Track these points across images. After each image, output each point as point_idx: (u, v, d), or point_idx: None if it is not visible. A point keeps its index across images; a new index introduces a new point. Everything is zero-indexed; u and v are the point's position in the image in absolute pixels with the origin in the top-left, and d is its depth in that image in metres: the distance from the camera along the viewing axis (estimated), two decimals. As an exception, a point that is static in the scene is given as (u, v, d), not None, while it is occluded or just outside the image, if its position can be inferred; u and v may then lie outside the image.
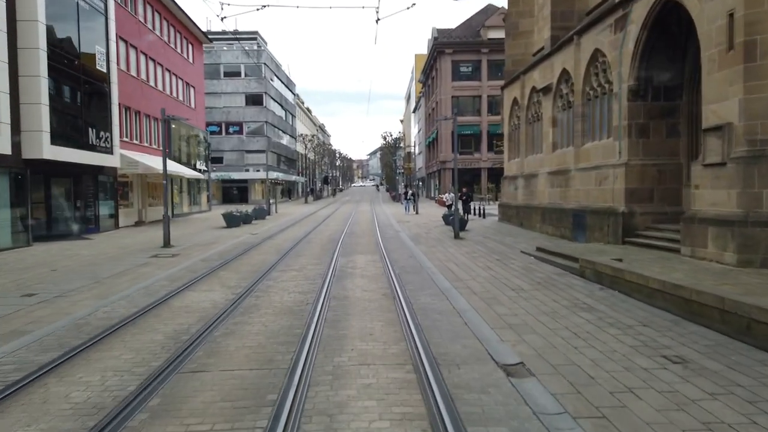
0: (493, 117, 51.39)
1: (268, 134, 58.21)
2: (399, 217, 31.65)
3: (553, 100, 18.63)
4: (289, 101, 71.45)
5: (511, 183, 23.93)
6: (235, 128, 56.76)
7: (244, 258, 14.64)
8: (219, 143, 56.84)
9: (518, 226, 22.06)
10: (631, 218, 13.31)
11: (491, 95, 51.21)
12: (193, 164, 37.59)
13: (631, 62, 13.27)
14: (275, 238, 20.10)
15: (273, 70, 60.88)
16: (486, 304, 8.47)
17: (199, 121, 39.68)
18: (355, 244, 17.83)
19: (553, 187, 18.37)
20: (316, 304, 8.58)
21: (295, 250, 16.08)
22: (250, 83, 57.04)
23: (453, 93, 50.95)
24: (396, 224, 26.45)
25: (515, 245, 16.19)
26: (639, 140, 13.47)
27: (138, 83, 28.32)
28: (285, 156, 68.45)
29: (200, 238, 20.23)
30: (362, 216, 34.29)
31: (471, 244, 16.96)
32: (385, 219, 30.83)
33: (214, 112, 56.61)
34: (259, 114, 57.26)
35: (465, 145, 52.17)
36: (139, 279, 11.38)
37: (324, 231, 23.37)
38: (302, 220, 30.80)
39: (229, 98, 56.88)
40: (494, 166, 51.09)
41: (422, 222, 27.44)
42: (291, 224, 27.63)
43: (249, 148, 57.41)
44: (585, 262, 10.49)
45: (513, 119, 24.08)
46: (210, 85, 55.89)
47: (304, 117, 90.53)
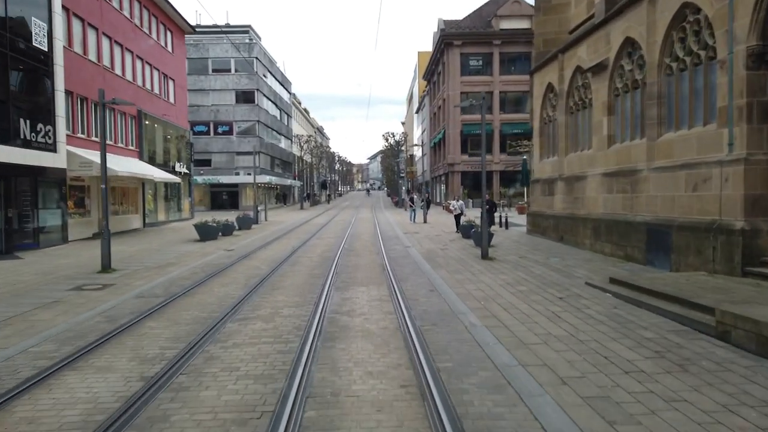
0: (507, 115, 47.44)
1: (261, 134, 54.26)
2: (405, 227, 27.60)
3: (609, 81, 14.61)
4: (284, 100, 67.54)
5: (544, 187, 19.90)
6: (225, 128, 52.82)
7: (198, 292, 10.58)
8: (207, 144, 52.93)
9: (557, 240, 18.00)
10: (756, 238, 9.26)
11: (504, 91, 47.28)
12: (172, 166, 33.60)
13: (754, 13, 9.25)
14: (253, 257, 16.04)
15: (266, 66, 56.98)
16: (605, 422, 4.41)
17: (179, 118, 35.71)
18: (354, 267, 13.77)
19: (612, 193, 14.33)
20: (276, 419, 4.52)
21: (274, 278, 12.02)
22: (240, 79, 53.12)
23: (462, 89, 46.99)
24: (403, 236, 22.40)
25: (570, 271, 12.12)
26: (764, 126, 9.44)
27: (99, 70, 24.34)
28: (279, 158, 64.47)
29: (158, 258, 16.17)
30: (363, 225, 30.26)
31: (508, 267, 12.91)
32: (389, 229, 26.79)
33: (202, 110, 52.74)
34: (250, 113, 53.32)
35: (474, 145, 48.16)
36: (20, 335, 7.35)
37: (316, 246, 19.33)
38: (293, 231, 26.75)
39: (218, 95, 52.97)
40: (507, 168, 47.09)
41: (433, 233, 23.40)
42: (278, 236, 23.58)
43: (240, 150, 53.42)
44: (734, 318, 6.43)
45: (546, 110, 20.07)
46: (197, 81, 52.09)
47: (302, 118, 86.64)
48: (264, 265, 14.28)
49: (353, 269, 13.30)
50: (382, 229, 26.74)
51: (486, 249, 14.64)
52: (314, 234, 24.42)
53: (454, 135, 47.25)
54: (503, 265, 13.41)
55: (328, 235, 23.72)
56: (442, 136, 50.70)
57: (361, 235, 23.90)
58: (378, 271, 12.93)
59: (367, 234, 24.27)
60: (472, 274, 12.20)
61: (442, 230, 25.09)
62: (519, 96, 47.92)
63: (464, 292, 10.02)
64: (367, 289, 10.67)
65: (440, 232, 23.95)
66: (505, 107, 47.75)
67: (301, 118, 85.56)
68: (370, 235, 23.39)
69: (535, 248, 16.69)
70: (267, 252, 17.53)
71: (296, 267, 13.85)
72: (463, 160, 47.38)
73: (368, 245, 19.41)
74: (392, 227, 27.97)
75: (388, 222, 31.95)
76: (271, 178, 55.51)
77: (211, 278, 12.14)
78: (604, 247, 14.44)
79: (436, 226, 27.65)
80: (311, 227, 29.05)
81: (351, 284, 11.18)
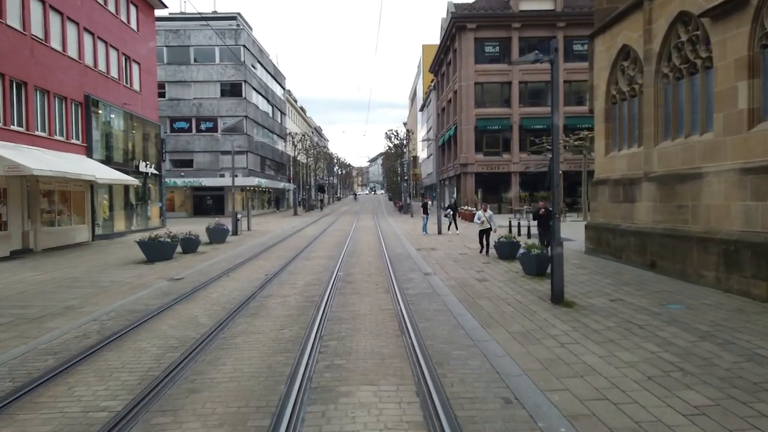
0: (528, 109, 42.28)
1: (249, 132, 49.09)
2: (417, 240, 22.40)
3: (752, 24, 9.43)
4: (276, 96, 62.45)
5: (615, 191, 14.71)
6: (209, 124, 47.69)
7: (24, 406, 5.35)
8: (189, 143, 47.80)
9: (642, 266, 12.79)
10: None
11: (524, 81, 42.11)
12: (135, 166, 28.43)
13: None
14: (200, 296, 10.83)
15: (255, 55, 51.88)
16: None
17: (147, 109, 30.54)
18: (351, 321, 8.56)
19: (760, 199, 9.10)
20: None
21: (210, 353, 6.80)
22: (226, 70, 48.01)
23: (476, 78, 41.84)
24: (417, 255, 17.23)
25: (736, 341, 6.89)
26: None
27: (26, 42, 19.18)
28: (272, 159, 59.31)
29: (60, 295, 10.96)
30: (364, 238, 25.08)
31: (611, 327, 7.68)
32: (396, 244, 21.59)
33: (183, 104, 47.63)
34: (237, 107, 48.18)
35: (490, 143, 43.03)
36: None
37: (300, 273, 14.16)
38: (276, 246, 21.56)
39: (201, 88, 47.86)
40: (527, 170, 41.91)
41: (455, 250, 18.22)
42: (255, 254, 18.40)
43: (225, 149, 48.21)
44: None
45: (617, 84, 14.90)
46: (177, 72, 47.06)
47: (297, 117, 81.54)
48: (208, 314, 9.06)
49: (350, 329, 8.06)
50: (388, 244, 21.52)
51: (560, 289, 9.39)
52: (301, 251, 19.22)
53: (468, 131, 42.08)
54: (597, 320, 8.18)
55: (319, 254, 18.53)
56: (453, 132, 45.54)
57: (362, 253, 18.70)
58: (392, 335, 7.70)
59: (370, 252, 19.07)
60: (556, 341, 7.00)
61: (464, 245, 19.89)
62: (541, 87, 42.78)
63: (575, 409, 4.78)
64: (374, 394, 5.42)
65: (463, 248, 18.77)
66: (525, 99, 42.58)
67: (296, 116, 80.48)
68: (373, 254, 18.19)
69: (620, 281, 11.46)
70: (226, 285, 12.29)
71: (258, 320, 8.64)
72: (477, 160, 42.19)
73: (372, 271, 14.24)
74: (400, 241, 22.76)
75: (395, 233, 26.76)
76: (260, 180, 50.36)
77: (98, 352, 6.91)
78: (751, 285, 9.19)
79: (454, 239, 22.45)
80: (300, 240, 23.83)
81: (344, 379, 5.94)
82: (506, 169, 42.34)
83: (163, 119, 47.63)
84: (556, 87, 9.42)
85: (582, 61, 41.47)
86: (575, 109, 42.47)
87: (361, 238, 24.43)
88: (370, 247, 20.41)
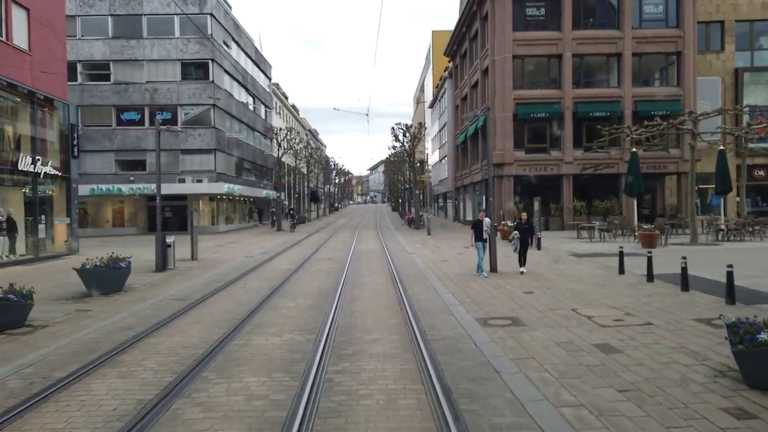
0: (585, 90, 32.72)
1: (218, 125, 39.49)
2: (469, 289, 12.62)
3: None
4: (259, 85, 52.99)
5: None
6: (165, 114, 38.13)
7: None
8: (140, 139, 38.25)
9: None
10: None
11: (580, 54, 32.60)
12: (14, 162, 18.80)
13: None
14: None
15: (228, 30, 42.42)
16: None
17: (44, 80, 20.99)
18: None
19: None
20: None
21: None
22: (188, 46, 38.53)
23: (516, 50, 32.30)
24: (499, 355, 7.44)
25: None
26: None
27: None
28: (251, 161, 49.70)
29: None
30: (368, 282, 15.38)
31: None
32: (434, 304, 11.87)
33: (133, 90, 38.15)
34: (202, 93, 38.64)
35: (534, 136, 33.46)
36: None
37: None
38: (211, 300, 11.86)
39: (156, 68, 38.37)
40: (584, 171, 32.23)
41: (590, 333, 8.47)
42: (145, 330, 8.66)
43: (187, 146, 38.65)
44: None
45: None
46: (125, 49, 37.76)
47: (288, 115, 71.97)
48: None
49: None
50: (415, 300, 11.87)
51: None
52: (246, 320, 9.42)
53: (504, 121, 32.48)
54: None
55: (283, 327, 8.76)
56: (482, 124, 35.86)
57: (367, 332, 9.01)
58: None
59: (383, 327, 9.41)
60: None
61: (576, 302, 10.19)
62: (601, 61, 33.22)
63: None
64: None
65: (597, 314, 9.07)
66: (582, 78, 32.98)
67: (287, 114, 70.99)
68: (396, 342, 8.49)
69: None
70: None
71: None
72: (517, 159, 32.54)
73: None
74: (435, 291, 12.99)
75: (419, 270, 17.09)
76: (233, 187, 40.69)
77: None
78: None
79: (538, 286, 12.66)
80: (260, 286, 14.08)
81: None
82: (555, 171, 32.66)
83: (106, 108, 38.24)
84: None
85: (657, 25, 31.98)
86: (646, 91, 32.85)
87: (362, 284, 14.68)
88: (380, 314, 10.61)
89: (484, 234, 14.75)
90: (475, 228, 14.76)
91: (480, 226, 14.72)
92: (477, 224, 14.80)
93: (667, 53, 32.63)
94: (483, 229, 14.74)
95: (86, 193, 36.75)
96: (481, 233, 14.68)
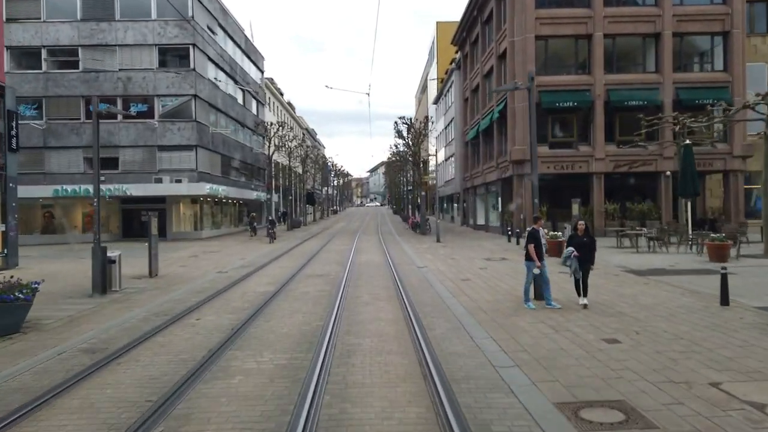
0: (618, 76, 28.80)
1: (200, 118, 35.55)
2: (522, 335, 8.63)
3: None
4: (250, 78, 49.05)
5: None
6: (141, 107, 34.18)
7: None
8: (111, 134, 34.34)
9: None
10: None
11: (612, 34, 28.66)
12: None
13: None
14: None
15: (212, 14, 38.49)
16: None
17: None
18: None
19: None
20: None
21: None
22: (166, 29, 34.61)
23: (538, 30, 28.37)
24: None
25: None
26: None
27: None
28: (240, 160, 45.73)
29: None
30: (370, 313, 11.52)
31: None
32: (473, 358, 7.90)
33: (103, 78, 34.28)
34: (182, 82, 34.70)
35: (560, 129, 29.62)
36: None
37: None
38: (126, 361, 7.98)
39: (131, 54, 34.43)
40: (616, 170, 28.32)
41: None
42: None
43: (165, 142, 34.74)
44: None
45: None
46: (95, 32, 34.07)
47: (283, 112, 67.98)
48: None
49: None
50: (463, 399, 7.85)
51: None
52: (174, 396, 5.40)
53: (525, 111, 28.51)
54: None
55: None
56: (498, 115, 31.90)
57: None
58: None
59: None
60: None
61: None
62: (638, 42, 29.31)
63: None
64: None
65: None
66: (613, 62, 29.03)
67: (281, 111, 66.99)
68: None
69: None
70: None
71: None
72: (541, 155, 28.53)
73: None
74: (470, 340, 9.03)
75: (442, 304, 13.21)
76: (216, 188, 36.68)
77: None
78: None
79: (625, 330, 8.72)
80: (218, 323, 10.10)
81: None
82: (584, 169, 28.70)
83: (74, 99, 34.31)
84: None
85: (701, 1, 28.07)
86: (689, 76, 28.93)
87: (362, 321, 10.72)
88: (392, 390, 6.62)
89: (543, 249, 10.77)
90: (534, 240, 10.64)
91: (539, 238, 10.67)
92: (535, 235, 10.72)
93: (713, 33, 28.68)
94: (543, 242, 10.74)
95: (49, 194, 32.81)
96: (541, 249, 10.64)
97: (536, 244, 10.56)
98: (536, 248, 10.54)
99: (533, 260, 10.53)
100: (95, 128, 14.37)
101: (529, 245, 10.66)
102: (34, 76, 34.35)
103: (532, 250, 10.54)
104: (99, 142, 14.30)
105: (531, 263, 10.60)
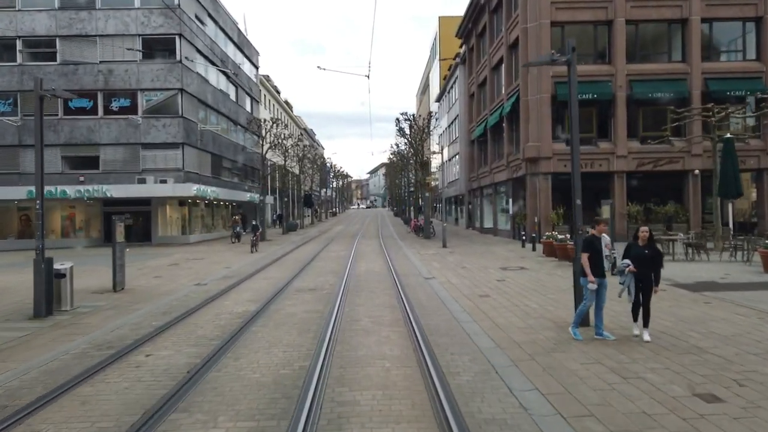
0: (643, 66, 26.56)
1: (187, 114, 33.26)
2: (577, 387, 6.30)
3: None
4: (243, 74, 46.79)
5: None
6: (123, 102, 31.91)
7: None
8: (91, 131, 32.11)
9: None
10: None
11: (635, 20, 26.39)
12: None
13: None
14: None
15: (200, 2, 36.20)
16: None
17: None
18: None
19: None
20: None
21: None
22: (150, 18, 32.35)
23: (554, 15, 26.11)
24: None
25: None
26: None
27: None
28: (232, 160, 43.42)
29: None
30: (371, 347, 9.22)
31: None
32: (519, 428, 5.45)
33: (83, 71, 32.04)
34: (168, 75, 32.43)
35: (579, 123, 27.04)
36: None
37: None
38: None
39: (112, 46, 32.15)
40: (641, 168, 26.04)
41: None
42: None
43: (149, 140, 32.45)
44: None
45: None
46: (74, 22, 31.95)
47: (280, 111, 65.68)
48: None
49: None
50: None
51: None
52: None
53: (539, 104, 26.27)
54: None
55: None
56: (509, 110, 29.61)
57: None
58: None
59: None
60: None
61: None
62: (662, 30, 27.03)
63: None
64: None
65: None
66: (636, 51, 26.74)
67: (278, 110, 64.70)
68: None
69: None
70: None
71: None
72: (555, 152, 26.30)
73: None
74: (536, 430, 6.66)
75: (460, 332, 10.94)
76: (204, 189, 34.37)
77: None
78: None
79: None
80: (174, 362, 7.78)
81: None
82: (605, 167, 26.41)
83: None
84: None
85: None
86: (719, 66, 26.66)
87: (358, 360, 8.46)
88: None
89: (605, 262, 8.47)
90: (590, 249, 8.33)
91: (599, 248, 8.34)
92: (593, 243, 8.42)
93: (745, 18, 26.39)
94: (605, 253, 8.44)
95: (23, 196, 30.51)
96: (601, 261, 8.31)
97: (592, 250, 8.22)
98: (595, 260, 8.20)
99: (587, 275, 8.19)
100: (38, 111, 12.03)
101: (582, 254, 8.32)
102: (9, 69, 32.13)
103: (585, 261, 8.18)
104: (42, 129, 11.95)
105: (586, 279, 8.26)
